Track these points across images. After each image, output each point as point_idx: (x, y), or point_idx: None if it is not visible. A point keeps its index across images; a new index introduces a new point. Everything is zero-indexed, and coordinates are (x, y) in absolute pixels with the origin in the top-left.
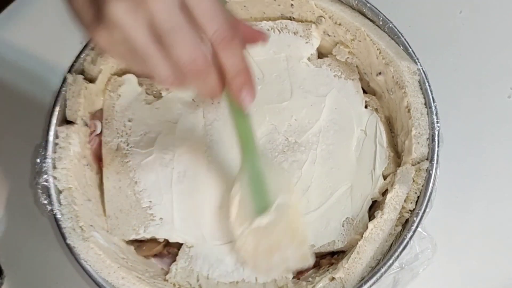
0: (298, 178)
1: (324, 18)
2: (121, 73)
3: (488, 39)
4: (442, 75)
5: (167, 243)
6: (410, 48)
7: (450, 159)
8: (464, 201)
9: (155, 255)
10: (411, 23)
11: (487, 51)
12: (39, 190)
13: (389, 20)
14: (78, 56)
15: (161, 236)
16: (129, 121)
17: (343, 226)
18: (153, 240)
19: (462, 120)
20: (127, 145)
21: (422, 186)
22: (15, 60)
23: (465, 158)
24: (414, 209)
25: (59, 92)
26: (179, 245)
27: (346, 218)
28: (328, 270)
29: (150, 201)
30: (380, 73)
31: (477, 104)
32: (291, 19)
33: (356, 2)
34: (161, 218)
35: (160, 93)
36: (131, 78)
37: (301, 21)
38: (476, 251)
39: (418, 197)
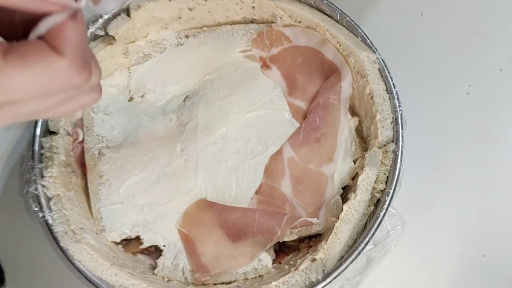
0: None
1: (285, 17)
2: None
3: (448, 40)
4: (404, 74)
5: None
6: (368, 39)
7: (414, 142)
8: (429, 178)
9: (142, 252)
10: (376, 25)
11: (446, 51)
12: (29, 199)
13: (346, 14)
14: None
15: (144, 236)
16: (109, 127)
17: None
18: (139, 238)
19: (424, 116)
20: (108, 150)
21: (390, 166)
22: None
23: (428, 142)
24: (384, 189)
25: None
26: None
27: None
28: (308, 252)
29: (134, 202)
30: None
31: (437, 101)
32: (252, 21)
33: (313, 0)
34: (145, 220)
35: (132, 98)
36: (108, 89)
37: (262, 23)
38: (442, 226)
39: (387, 177)
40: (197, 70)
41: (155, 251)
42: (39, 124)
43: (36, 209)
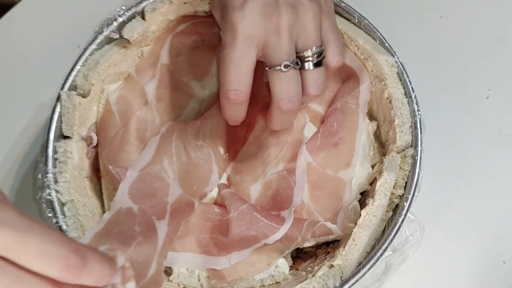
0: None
1: None
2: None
3: (467, 43)
4: (423, 77)
5: None
6: (387, 42)
7: (433, 146)
8: (448, 184)
9: None
10: (394, 28)
11: (466, 55)
12: (43, 204)
13: (364, 17)
14: (70, 73)
15: None
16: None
17: None
18: None
19: (443, 120)
20: None
21: (409, 171)
22: (10, 75)
23: (447, 147)
24: (403, 194)
25: (54, 108)
26: None
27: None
28: (325, 258)
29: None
30: None
31: (456, 105)
32: None
33: None
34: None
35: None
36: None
37: None
38: (461, 232)
39: (406, 182)
40: None
41: None
42: (53, 128)
43: (49, 214)
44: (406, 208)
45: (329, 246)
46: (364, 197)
